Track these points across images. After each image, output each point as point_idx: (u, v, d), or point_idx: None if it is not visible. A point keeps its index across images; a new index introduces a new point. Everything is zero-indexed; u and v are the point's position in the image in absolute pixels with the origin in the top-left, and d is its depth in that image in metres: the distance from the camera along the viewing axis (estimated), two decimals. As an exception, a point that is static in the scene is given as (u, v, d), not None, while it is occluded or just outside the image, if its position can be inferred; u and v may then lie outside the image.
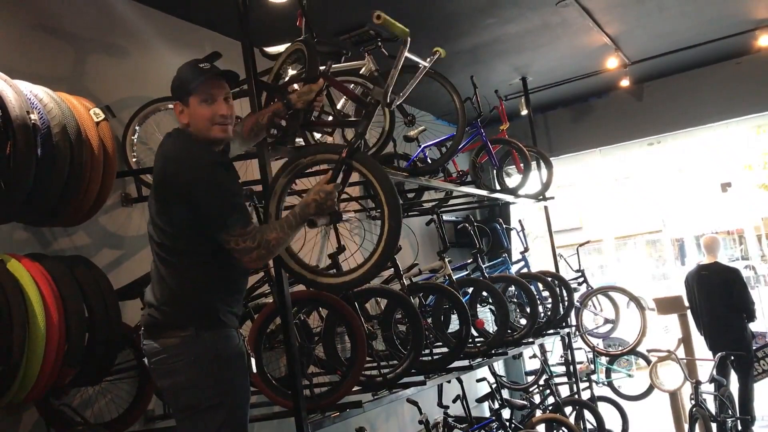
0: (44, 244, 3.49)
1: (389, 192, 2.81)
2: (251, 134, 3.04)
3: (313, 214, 2.68)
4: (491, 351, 5.25)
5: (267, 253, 2.57)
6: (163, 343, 2.53)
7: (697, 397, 6.08)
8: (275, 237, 2.59)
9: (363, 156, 2.90)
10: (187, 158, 2.58)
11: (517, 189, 6.40)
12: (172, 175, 2.55)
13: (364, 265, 2.93)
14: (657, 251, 25.92)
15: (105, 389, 3.47)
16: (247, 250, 2.53)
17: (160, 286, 2.60)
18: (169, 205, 2.56)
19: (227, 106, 2.68)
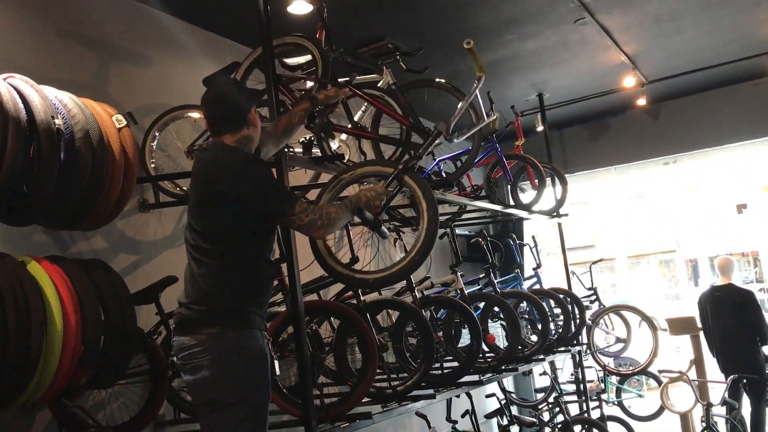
0: (63, 247, 3.54)
1: (431, 204, 3.13)
2: (285, 133, 3.24)
3: (362, 206, 2.92)
4: (501, 367, 5.25)
5: (329, 223, 2.78)
6: (190, 340, 2.65)
7: (709, 419, 6.02)
8: (334, 211, 2.82)
9: (414, 173, 3.23)
10: (226, 161, 2.75)
11: (531, 205, 6.41)
12: (213, 179, 2.71)
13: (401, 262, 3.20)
14: (670, 271, 25.73)
15: (118, 393, 3.50)
16: (312, 223, 2.73)
17: (193, 286, 2.72)
18: (209, 209, 2.72)
19: None
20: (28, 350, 2.46)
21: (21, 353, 2.44)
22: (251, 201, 2.69)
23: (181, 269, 3.57)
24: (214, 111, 2.88)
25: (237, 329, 2.66)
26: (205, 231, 2.72)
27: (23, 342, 2.44)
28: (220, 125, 2.85)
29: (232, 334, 2.64)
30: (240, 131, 2.84)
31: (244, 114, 2.85)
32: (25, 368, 2.47)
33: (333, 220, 2.80)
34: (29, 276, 2.57)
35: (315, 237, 2.93)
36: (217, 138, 2.87)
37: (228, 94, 2.90)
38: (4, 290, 2.43)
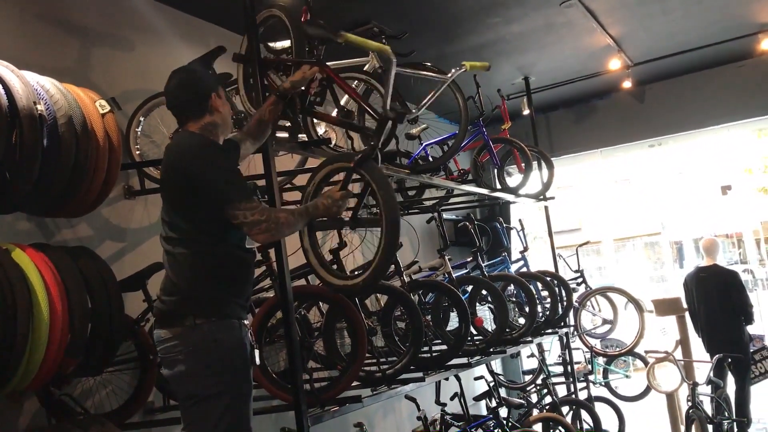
0: (48, 234, 3.51)
1: (391, 207, 2.88)
2: (259, 131, 3.14)
3: (320, 217, 2.84)
4: (490, 349, 5.27)
5: (275, 228, 2.63)
6: (166, 333, 2.64)
7: (694, 398, 6.10)
8: (284, 217, 2.68)
9: (371, 167, 2.97)
10: (187, 146, 2.72)
11: (518, 188, 6.42)
12: (173, 165, 2.69)
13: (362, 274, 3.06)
14: (656, 254, 25.97)
15: (106, 380, 3.49)
16: (255, 223, 2.59)
17: (165, 278, 2.70)
18: (172, 195, 2.69)
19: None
20: (14, 338, 2.44)
21: (7, 341, 2.42)
22: (201, 183, 2.61)
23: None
24: (174, 99, 2.85)
25: (211, 319, 2.61)
26: (171, 220, 2.68)
27: (9, 330, 2.42)
28: (182, 113, 2.82)
29: (207, 325, 2.60)
30: (203, 118, 2.79)
31: (204, 100, 2.79)
32: (11, 356, 2.45)
33: (281, 226, 2.64)
34: (14, 264, 2.54)
35: (256, 240, 2.71)
36: (182, 127, 2.84)
37: (187, 81, 2.84)
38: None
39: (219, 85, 2.89)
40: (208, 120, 2.80)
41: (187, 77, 2.86)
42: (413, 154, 5.59)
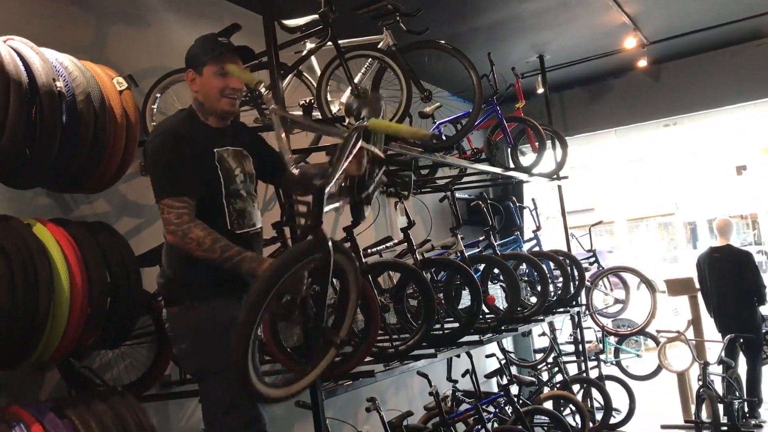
0: (66, 210, 3.56)
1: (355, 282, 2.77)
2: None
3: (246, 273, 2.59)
4: (501, 327, 5.32)
5: (181, 238, 2.52)
6: (167, 312, 2.73)
7: (705, 378, 6.11)
8: (198, 237, 2.51)
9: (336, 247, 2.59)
10: (153, 131, 2.74)
11: (532, 167, 6.41)
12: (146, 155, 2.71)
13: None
14: (669, 234, 25.84)
15: (124, 353, 3.55)
16: (167, 223, 2.56)
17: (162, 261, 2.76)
18: None
19: (238, 81, 2.76)
20: (36, 311, 2.49)
21: (29, 314, 2.47)
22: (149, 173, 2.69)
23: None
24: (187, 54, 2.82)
25: (206, 300, 2.64)
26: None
27: (32, 303, 2.47)
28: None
29: (202, 306, 2.64)
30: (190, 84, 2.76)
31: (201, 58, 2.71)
32: (33, 329, 2.51)
33: (188, 242, 2.50)
34: (35, 238, 2.59)
35: (167, 238, 2.62)
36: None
37: (198, 39, 2.79)
38: (12, 252, 2.45)
39: (208, 58, 2.70)
40: (193, 96, 2.78)
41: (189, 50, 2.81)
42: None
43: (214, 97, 2.71)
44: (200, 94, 2.73)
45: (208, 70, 2.70)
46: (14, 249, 2.47)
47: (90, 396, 2.82)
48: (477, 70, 4.57)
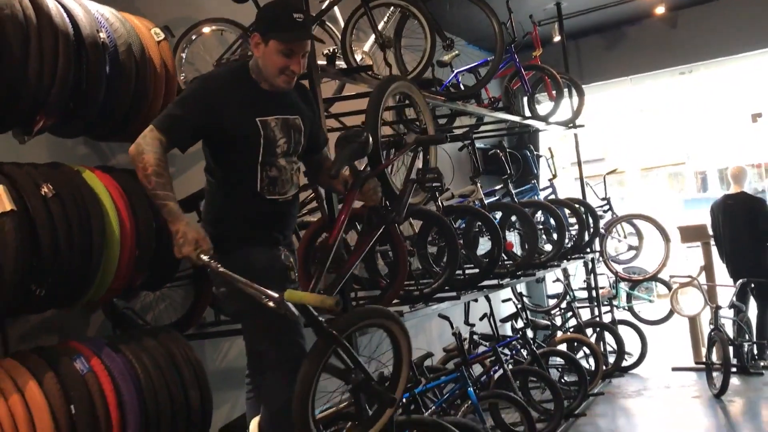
0: (102, 158, 3.68)
1: None
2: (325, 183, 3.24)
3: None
4: (518, 272, 5.46)
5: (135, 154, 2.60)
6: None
7: (717, 321, 6.27)
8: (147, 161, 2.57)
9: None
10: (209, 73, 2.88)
11: (549, 116, 6.48)
12: None
13: None
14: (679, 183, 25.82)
15: (164, 295, 3.71)
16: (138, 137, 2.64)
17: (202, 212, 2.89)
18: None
19: (301, 63, 2.77)
20: (90, 254, 2.63)
21: (84, 257, 2.61)
22: None
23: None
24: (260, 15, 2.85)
25: (239, 249, 2.73)
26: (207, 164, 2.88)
27: (86, 246, 2.60)
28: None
29: (237, 252, 2.71)
30: (259, 48, 2.73)
31: (272, 28, 2.68)
32: (88, 270, 2.65)
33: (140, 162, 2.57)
34: (86, 184, 2.72)
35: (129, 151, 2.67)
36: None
37: (275, 5, 2.79)
38: (66, 198, 2.58)
39: (270, 31, 2.69)
40: (255, 55, 2.76)
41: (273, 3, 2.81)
42: (445, 82, 5.65)
43: (272, 72, 2.73)
44: (260, 61, 2.73)
45: (274, 45, 2.68)
46: (68, 195, 2.59)
47: (140, 333, 2.98)
48: (498, 18, 4.61)
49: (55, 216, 2.52)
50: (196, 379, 2.91)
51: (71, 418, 2.46)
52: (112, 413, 2.58)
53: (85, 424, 2.49)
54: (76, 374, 2.55)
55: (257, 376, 2.85)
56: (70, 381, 2.52)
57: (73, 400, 2.49)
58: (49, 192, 2.53)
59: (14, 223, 2.38)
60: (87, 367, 2.60)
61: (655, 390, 6.55)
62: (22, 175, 2.54)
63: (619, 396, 6.49)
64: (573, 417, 5.78)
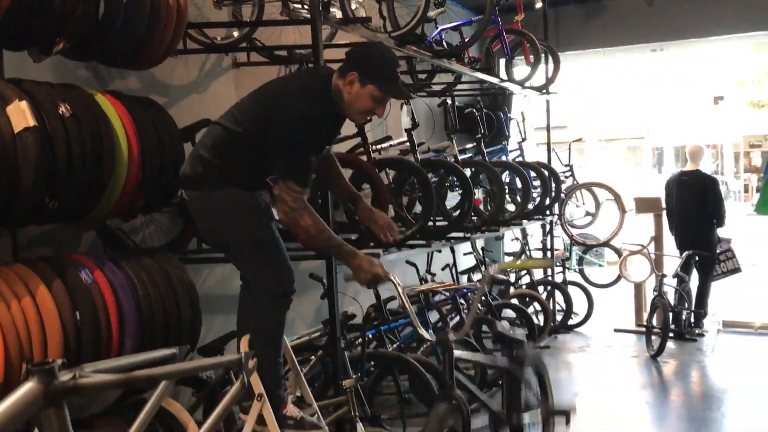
0: (102, 83, 3.78)
1: None
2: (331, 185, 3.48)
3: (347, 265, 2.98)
4: (483, 228, 5.75)
5: (291, 224, 2.83)
6: (188, 195, 3.01)
7: (660, 288, 6.69)
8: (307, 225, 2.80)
9: None
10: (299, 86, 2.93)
11: (525, 80, 6.70)
12: (279, 107, 2.85)
13: None
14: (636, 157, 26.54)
15: (153, 219, 3.88)
16: (282, 202, 2.81)
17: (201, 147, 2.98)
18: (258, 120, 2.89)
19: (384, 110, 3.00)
20: (100, 173, 2.78)
21: (95, 175, 2.76)
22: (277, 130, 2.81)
23: (203, 114, 3.89)
24: (353, 51, 3.01)
25: (221, 189, 2.90)
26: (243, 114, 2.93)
27: (97, 165, 2.76)
28: (345, 65, 2.92)
29: (217, 193, 2.89)
30: (342, 78, 2.87)
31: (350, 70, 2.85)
32: (97, 188, 2.81)
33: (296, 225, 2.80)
34: (99, 107, 2.85)
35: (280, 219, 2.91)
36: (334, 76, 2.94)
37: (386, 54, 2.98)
38: (81, 118, 2.71)
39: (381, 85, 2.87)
40: (341, 85, 2.88)
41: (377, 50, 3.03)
42: (428, 37, 5.80)
43: (357, 110, 2.94)
44: (348, 96, 2.88)
45: (372, 90, 2.86)
46: (83, 116, 2.73)
47: (139, 252, 3.16)
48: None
49: (71, 134, 2.66)
50: (188, 297, 3.11)
51: (77, 324, 2.65)
52: (113, 322, 2.78)
53: (89, 330, 2.68)
54: (82, 284, 2.73)
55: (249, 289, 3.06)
56: (76, 289, 2.70)
57: (78, 307, 2.67)
58: (66, 111, 2.67)
59: (35, 138, 2.52)
60: (91, 278, 2.78)
61: (597, 348, 7.00)
62: (42, 94, 2.67)
63: (564, 351, 6.92)
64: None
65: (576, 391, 5.68)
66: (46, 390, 0.96)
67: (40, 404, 0.95)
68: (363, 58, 2.92)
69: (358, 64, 2.87)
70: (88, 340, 2.68)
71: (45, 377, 0.98)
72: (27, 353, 2.51)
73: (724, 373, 6.02)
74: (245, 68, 4.79)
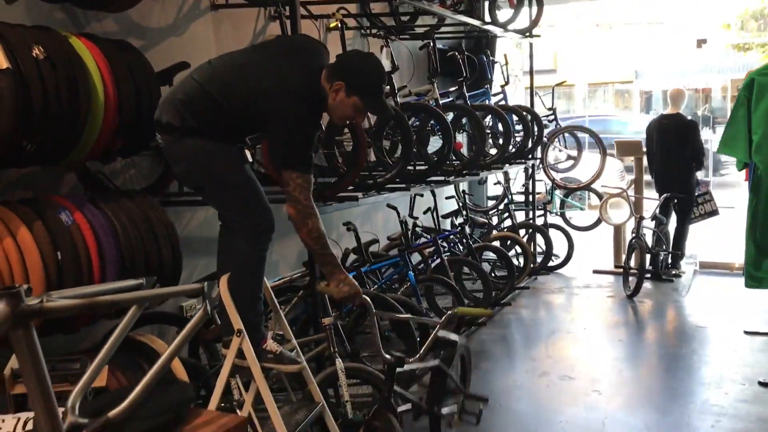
0: (78, 25, 3.76)
1: None
2: None
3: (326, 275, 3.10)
4: (464, 171, 5.82)
5: (299, 222, 2.91)
6: (162, 139, 2.99)
7: (639, 230, 6.83)
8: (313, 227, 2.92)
9: None
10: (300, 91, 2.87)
11: (508, 23, 6.67)
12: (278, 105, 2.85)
13: None
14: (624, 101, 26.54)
15: (134, 162, 3.92)
16: (293, 198, 2.88)
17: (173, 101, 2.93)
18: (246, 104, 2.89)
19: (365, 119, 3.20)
20: (77, 115, 2.81)
21: (72, 118, 2.79)
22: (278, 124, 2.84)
23: (181, 57, 3.89)
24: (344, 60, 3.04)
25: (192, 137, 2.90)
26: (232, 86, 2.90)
27: (74, 108, 2.78)
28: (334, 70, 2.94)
29: (189, 139, 2.90)
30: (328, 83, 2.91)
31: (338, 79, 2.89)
32: (74, 131, 2.84)
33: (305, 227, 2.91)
34: (74, 50, 2.86)
35: (288, 211, 2.95)
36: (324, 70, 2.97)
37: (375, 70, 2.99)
38: (57, 61, 2.72)
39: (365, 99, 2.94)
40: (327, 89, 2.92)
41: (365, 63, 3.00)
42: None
43: (338, 116, 3.03)
44: (333, 102, 2.94)
45: (355, 102, 2.93)
46: (58, 58, 2.74)
47: (118, 194, 3.22)
48: None
49: (45, 77, 2.67)
50: (168, 238, 3.18)
51: (58, 263, 2.72)
52: (94, 262, 2.85)
53: (71, 270, 2.75)
54: (62, 225, 2.79)
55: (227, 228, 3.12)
56: (57, 230, 2.76)
57: (59, 247, 2.74)
58: (40, 54, 2.68)
59: (9, 80, 2.54)
60: (71, 219, 2.83)
61: (575, 288, 7.17)
62: (15, 35, 2.67)
63: (543, 291, 7.09)
64: (499, 306, 6.34)
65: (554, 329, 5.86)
66: (13, 312, 1.03)
67: (8, 325, 1.03)
68: (353, 71, 2.95)
69: (347, 76, 2.92)
70: (70, 280, 2.75)
71: (12, 300, 1.05)
72: (10, 292, 2.58)
73: (697, 312, 6.21)
74: (223, 10, 4.77)
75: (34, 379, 1.07)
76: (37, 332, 1.08)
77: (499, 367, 5.04)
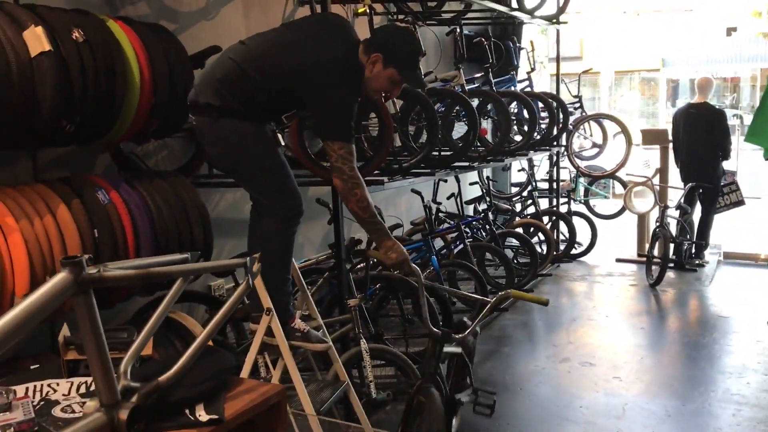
0: (113, 9, 3.84)
1: None
2: None
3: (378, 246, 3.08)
4: (489, 158, 5.84)
5: (346, 192, 2.91)
6: (196, 120, 2.99)
7: (663, 219, 6.81)
8: (360, 196, 2.91)
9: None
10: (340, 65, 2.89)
11: (535, 9, 6.65)
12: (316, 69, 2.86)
13: None
14: (651, 90, 26.23)
15: (166, 144, 4.00)
16: (338, 171, 2.88)
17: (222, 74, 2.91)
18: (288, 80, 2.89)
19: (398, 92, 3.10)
20: (113, 97, 2.89)
21: (108, 99, 2.87)
22: (321, 97, 2.84)
23: (211, 41, 3.94)
24: (381, 32, 3.08)
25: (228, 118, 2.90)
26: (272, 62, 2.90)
27: (110, 90, 2.86)
28: (371, 43, 2.96)
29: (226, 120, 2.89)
30: (365, 55, 2.93)
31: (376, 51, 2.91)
32: (111, 112, 2.92)
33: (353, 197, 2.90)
34: (111, 33, 2.94)
35: (334, 183, 2.96)
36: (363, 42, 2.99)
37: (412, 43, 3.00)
38: (94, 44, 2.80)
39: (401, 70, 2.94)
40: (365, 62, 2.94)
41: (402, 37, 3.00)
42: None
43: (374, 89, 3.02)
44: (370, 74, 2.96)
45: (392, 74, 2.95)
46: (96, 41, 2.82)
47: (152, 175, 3.30)
48: None
49: (84, 59, 2.75)
50: (200, 218, 3.26)
51: (95, 240, 2.81)
52: (129, 240, 2.94)
53: (107, 247, 2.84)
54: (99, 203, 2.88)
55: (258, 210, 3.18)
56: (94, 209, 2.85)
57: (96, 225, 2.83)
58: (80, 37, 2.76)
59: (51, 62, 2.62)
60: (107, 198, 2.92)
61: (598, 276, 7.18)
62: (55, 19, 2.75)
63: (566, 279, 7.11)
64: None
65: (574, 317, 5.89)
66: (76, 279, 1.11)
67: (72, 291, 1.10)
68: (390, 43, 2.97)
69: (385, 48, 2.94)
70: (106, 257, 2.84)
71: (75, 268, 1.12)
72: (50, 267, 2.68)
73: (720, 302, 6.19)
74: (254, -5, 4.83)
75: (93, 343, 1.14)
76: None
77: (520, 351, 5.09)
